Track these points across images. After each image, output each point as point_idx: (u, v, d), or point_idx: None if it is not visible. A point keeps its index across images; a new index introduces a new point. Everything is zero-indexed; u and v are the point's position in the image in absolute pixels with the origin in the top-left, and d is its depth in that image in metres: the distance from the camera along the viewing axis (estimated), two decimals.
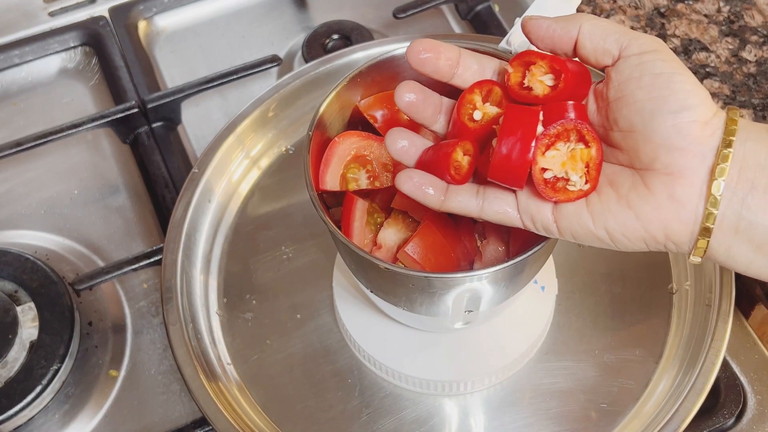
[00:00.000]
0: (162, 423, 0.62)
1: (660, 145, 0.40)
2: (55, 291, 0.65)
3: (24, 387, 0.61)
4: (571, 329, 0.61)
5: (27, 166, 0.77)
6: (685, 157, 0.40)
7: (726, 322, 0.57)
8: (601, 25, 0.43)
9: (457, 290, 0.47)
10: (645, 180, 0.41)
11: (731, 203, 0.39)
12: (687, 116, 0.39)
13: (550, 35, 0.44)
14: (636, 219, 0.41)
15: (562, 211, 0.43)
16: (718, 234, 0.40)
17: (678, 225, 0.40)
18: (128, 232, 0.72)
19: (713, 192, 0.39)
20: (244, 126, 0.69)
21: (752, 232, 0.39)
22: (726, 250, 0.40)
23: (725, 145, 0.39)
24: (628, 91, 0.41)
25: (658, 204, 0.40)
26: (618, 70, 0.42)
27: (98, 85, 0.83)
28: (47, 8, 0.89)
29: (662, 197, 0.40)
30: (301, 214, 0.68)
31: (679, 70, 0.41)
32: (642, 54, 0.41)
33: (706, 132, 0.40)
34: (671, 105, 0.40)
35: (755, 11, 0.76)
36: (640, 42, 0.42)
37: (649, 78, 0.40)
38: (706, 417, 0.58)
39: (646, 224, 0.41)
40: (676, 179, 0.40)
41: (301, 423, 0.58)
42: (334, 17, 0.85)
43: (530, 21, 0.44)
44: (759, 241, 0.39)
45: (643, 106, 0.40)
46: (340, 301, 0.61)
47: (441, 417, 0.58)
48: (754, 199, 0.39)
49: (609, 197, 0.42)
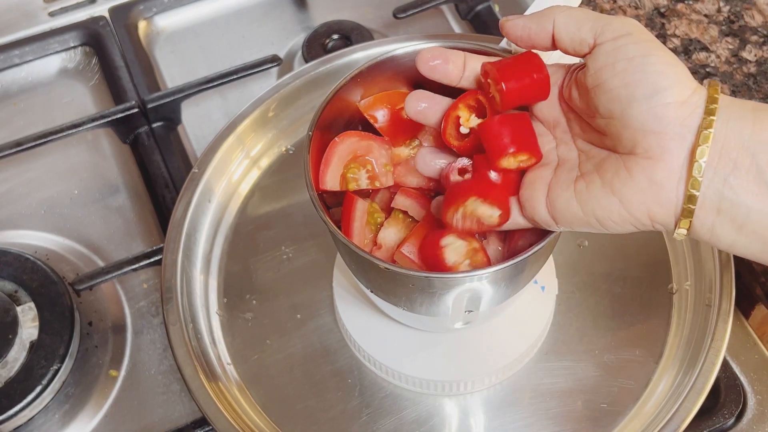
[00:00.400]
0: (162, 423, 0.62)
1: (637, 130, 0.40)
2: (55, 291, 0.65)
3: (24, 387, 0.61)
4: (571, 329, 0.61)
5: (27, 166, 0.77)
6: (662, 141, 0.40)
7: (726, 322, 0.57)
8: (575, 14, 0.43)
9: (457, 290, 0.47)
10: (627, 165, 0.41)
11: (712, 184, 0.39)
12: (661, 99, 0.39)
13: (527, 34, 0.44)
14: (620, 204, 0.41)
15: (554, 205, 0.43)
16: (700, 214, 0.40)
17: (659, 208, 0.40)
18: (128, 232, 0.73)
19: (694, 174, 0.39)
20: (244, 126, 0.69)
21: (734, 212, 0.39)
22: (709, 230, 0.40)
23: (705, 126, 0.39)
24: (604, 78, 0.41)
25: (639, 188, 0.40)
26: (593, 58, 0.42)
27: (98, 85, 0.83)
28: (47, 8, 0.89)
29: (642, 181, 0.40)
30: (301, 214, 0.68)
31: (653, 51, 0.40)
32: (615, 39, 0.41)
33: (684, 112, 0.39)
34: (644, 90, 0.40)
35: (755, 11, 0.76)
36: (613, 27, 0.41)
37: (623, 63, 0.40)
38: (706, 417, 0.59)
39: (629, 209, 0.41)
40: (654, 163, 0.40)
41: (301, 423, 0.58)
42: (334, 17, 0.85)
43: (506, 23, 0.45)
44: (741, 222, 0.39)
45: (619, 93, 0.40)
46: (340, 301, 0.61)
47: (441, 417, 0.58)
48: (736, 179, 0.39)
49: (595, 184, 0.42)
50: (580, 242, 0.65)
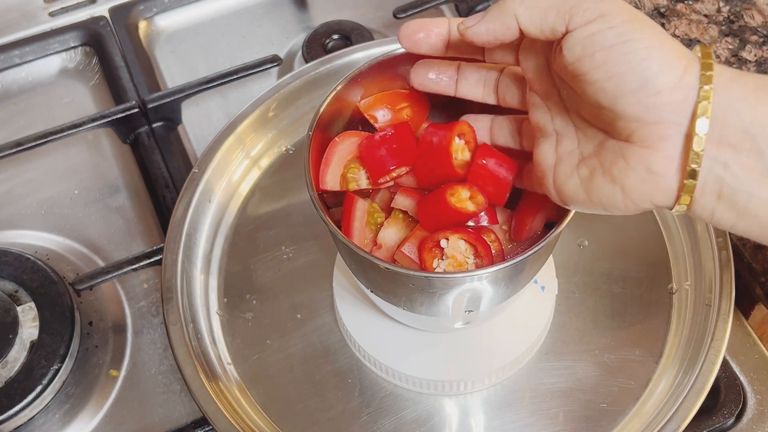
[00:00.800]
0: (162, 423, 0.62)
1: (631, 121, 0.38)
2: (56, 291, 0.65)
3: (24, 387, 0.61)
4: (571, 329, 0.61)
5: (27, 166, 0.77)
6: (658, 130, 0.38)
7: (726, 322, 0.57)
8: (535, 4, 0.39)
9: (457, 290, 0.47)
10: (624, 153, 0.39)
11: (712, 170, 0.38)
12: (650, 89, 0.37)
13: (494, 36, 0.41)
14: (623, 193, 0.40)
15: (562, 191, 0.43)
16: (701, 200, 0.39)
17: (660, 195, 0.40)
18: (128, 232, 0.73)
19: (691, 164, 0.37)
20: (244, 126, 0.69)
21: (735, 197, 0.38)
22: (710, 214, 0.39)
23: (701, 112, 0.37)
24: (584, 70, 0.38)
25: (639, 178, 0.39)
26: (568, 47, 0.39)
27: (98, 85, 0.83)
28: (47, 8, 0.89)
29: (641, 171, 0.39)
30: (301, 214, 0.68)
31: (632, 34, 0.37)
32: (588, 24, 0.38)
33: (677, 97, 0.37)
34: (631, 83, 0.37)
35: (755, 11, 0.76)
36: (582, 9, 0.38)
37: (602, 54, 0.37)
38: (706, 417, 0.59)
39: (632, 198, 0.40)
40: (652, 152, 0.38)
41: (301, 423, 0.58)
42: (334, 17, 0.85)
43: (468, 31, 0.42)
44: (742, 207, 0.38)
45: (604, 87, 0.38)
46: (340, 301, 0.61)
47: (441, 417, 0.58)
48: (736, 164, 0.37)
49: (596, 171, 0.41)
50: (580, 242, 0.65)
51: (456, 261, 0.48)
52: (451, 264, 0.48)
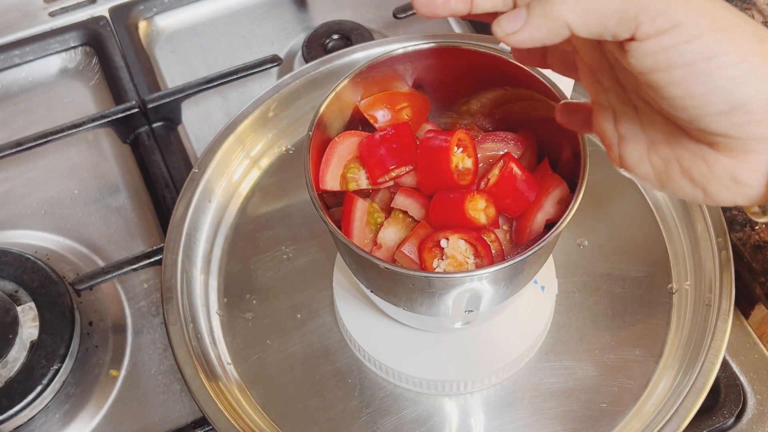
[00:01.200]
0: (162, 423, 0.62)
1: (716, 135, 0.35)
2: (56, 291, 0.65)
3: (24, 387, 0.61)
4: (571, 329, 0.61)
5: (27, 166, 0.77)
6: (748, 145, 0.35)
7: (726, 322, 0.57)
8: (591, 8, 0.33)
9: (457, 290, 0.47)
10: (705, 156, 0.37)
11: None
12: (740, 112, 0.33)
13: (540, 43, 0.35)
14: (704, 194, 0.38)
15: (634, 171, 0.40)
16: None
17: (745, 200, 0.38)
18: (128, 232, 0.73)
19: None
20: (244, 126, 0.69)
21: None
22: None
23: None
24: (660, 84, 0.34)
25: (722, 184, 0.37)
26: (635, 57, 0.34)
27: (98, 85, 0.83)
28: (47, 8, 0.89)
29: (725, 178, 0.37)
30: (301, 214, 0.68)
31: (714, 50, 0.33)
32: (660, 36, 0.33)
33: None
34: (718, 105, 0.33)
35: (755, 11, 0.76)
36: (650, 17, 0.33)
37: (680, 72, 0.33)
38: (706, 417, 0.59)
39: (715, 200, 0.38)
40: (738, 164, 0.36)
41: (301, 423, 0.58)
42: (334, 17, 0.85)
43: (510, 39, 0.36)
44: None
45: (684, 104, 0.34)
46: (340, 301, 0.61)
47: (441, 417, 0.58)
48: None
49: (671, 166, 0.38)
50: (580, 242, 0.65)
51: (456, 261, 0.48)
52: (451, 264, 0.48)
